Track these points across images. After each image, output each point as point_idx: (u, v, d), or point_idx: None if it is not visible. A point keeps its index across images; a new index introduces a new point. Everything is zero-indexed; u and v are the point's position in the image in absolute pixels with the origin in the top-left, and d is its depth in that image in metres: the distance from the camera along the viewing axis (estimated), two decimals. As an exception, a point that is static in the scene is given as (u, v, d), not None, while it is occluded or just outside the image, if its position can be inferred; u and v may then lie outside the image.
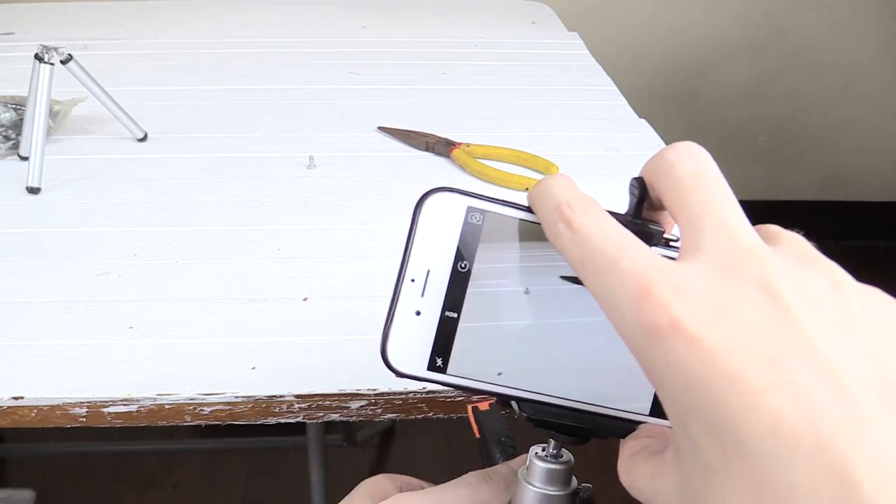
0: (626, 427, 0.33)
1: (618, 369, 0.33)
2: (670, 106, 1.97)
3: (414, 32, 1.23)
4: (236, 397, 0.49)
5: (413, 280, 0.31)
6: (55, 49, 0.75)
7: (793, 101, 2.01)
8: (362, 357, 0.52)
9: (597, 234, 0.25)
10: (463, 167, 0.79)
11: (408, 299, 0.31)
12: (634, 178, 0.29)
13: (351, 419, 0.50)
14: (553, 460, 0.34)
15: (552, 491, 0.34)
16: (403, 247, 0.31)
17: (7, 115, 0.82)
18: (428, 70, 1.07)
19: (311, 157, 0.79)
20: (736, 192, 0.27)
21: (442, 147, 0.82)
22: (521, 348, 0.33)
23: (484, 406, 0.45)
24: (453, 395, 0.50)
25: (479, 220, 0.31)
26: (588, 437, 0.34)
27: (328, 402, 0.49)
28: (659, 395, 0.24)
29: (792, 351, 0.21)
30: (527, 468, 0.35)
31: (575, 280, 0.32)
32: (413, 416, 0.50)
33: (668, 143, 0.96)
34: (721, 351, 0.21)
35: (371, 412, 0.50)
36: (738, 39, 1.92)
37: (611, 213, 0.29)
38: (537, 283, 0.32)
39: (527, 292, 0.32)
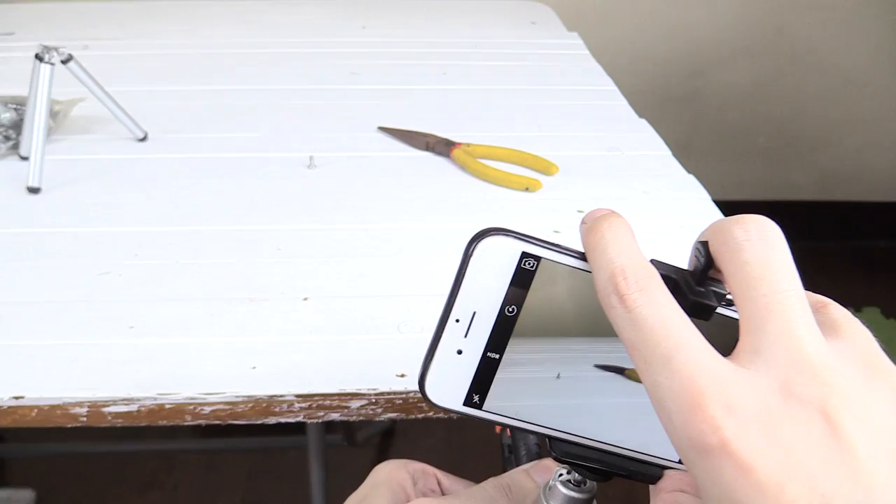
0: (655, 473, 0.33)
1: (650, 417, 0.31)
2: (670, 106, 1.97)
3: (414, 32, 1.23)
4: (236, 397, 0.49)
5: (458, 320, 0.31)
6: (55, 49, 0.75)
7: (793, 101, 2.01)
8: (362, 357, 0.52)
9: (651, 321, 0.24)
10: (463, 167, 0.79)
11: (450, 338, 0.31)
12: (700, 242, 0.28)
13: (351, 419, 0.50)
14: (576, 487, 0.34)
15: None
16: (452, 284, 0.31)
17: (7, 115, 0.82)
18: (428, 70, 1.07)
19: (311, 157, 0.79)
20: (736, 192, 0.27)
21: (442, 147, 0.82)
22: (559, 397, 0.32)
23: None
24: (453, 394, 0.50)
25: (532, 267, 0.31)
26: (613, 476, 0.33)
27: (328, 402, 0.49)
28: (703, 500, 0.23)
29: (846, 492, 0.21)
30: (549, 489, 0.35)
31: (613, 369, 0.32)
32: (413, 416, 0.50)
33: (668, 143, 0.96)
34: (772, 483, 0.21)
35: (371, 412, 0.50)
36: (738, 39, 1.92)
37: (674, 270, 0.28)
38: (588, 331, 0.31)
39: (580, 353, 0.32)
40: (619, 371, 0.32)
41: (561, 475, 0.34)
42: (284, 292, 0.59)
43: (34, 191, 0.72)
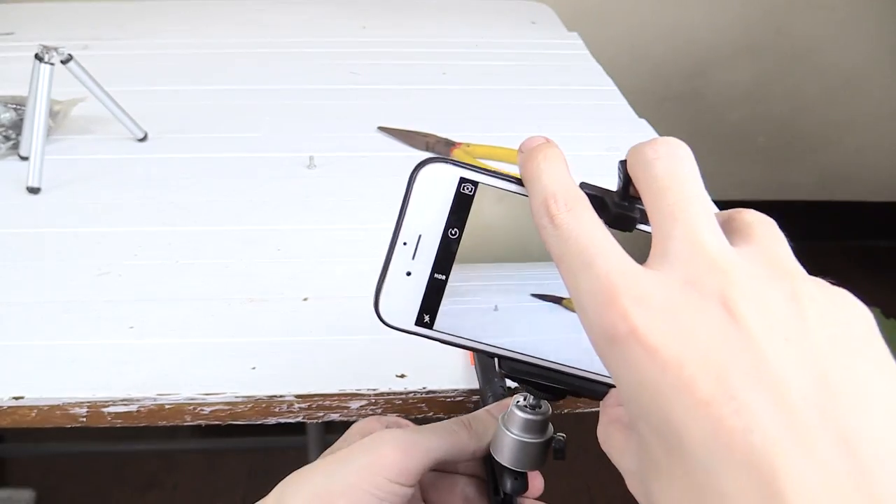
0: (599, 389, 0.35)
1: None
2: (670, 106, 1.97)
3: (414, 32, 1.23)
4: (236, 397, 0.49)
5: (405, 243, 0.34)
6: (55, 49, 0.75)
7: (793, 101, 2.01)
8: (362, 357, 0.52)
9: (575, 234, 0.26)
10: (463, 167, 0.79)
11: (399, 260, 0.34)
12: (620, 162, 0.31)
13: (351, 419, 0.50)
14: (531, 411, 0.37)
15: (528, 438, 0.37)
16: (399, 210, 0.33)
17: (7, 115, 0.82)
18: (428, 70, 1.07)
19: (311, 157, 0.79)
20: (736, 192, 0.27)
21: (442, 147, 0.82)
22: (506, 318, 0.34)
23: None
24: (453, 395, 0.50)
25: (470, 192, 0.33)
26: (564, 395, 0.36)
27: (328, 402, 0.49)
28: (617, 393, 0.26)
29: (740, 366, 0.22)
30: (507, 415, 0.37)
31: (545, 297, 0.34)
32: (413, 416, 0.50)
33: (668, 143, 0.95)
34: (673, 361, 0.23)
35: (371, 412, 0.50)
36: (738, 39, 1.92)
37: (601, 190, 0.31)
38: (524, 254, 0.34)
39: (534, 277, 0.34)
40: (557, 301, 0.34)
41: (518, 402, 0.37)
42: (284, 292, 0.59)
43: (34, 191, 0.72)
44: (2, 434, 1.42)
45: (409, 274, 0.34)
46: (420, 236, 0.34)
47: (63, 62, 0.76)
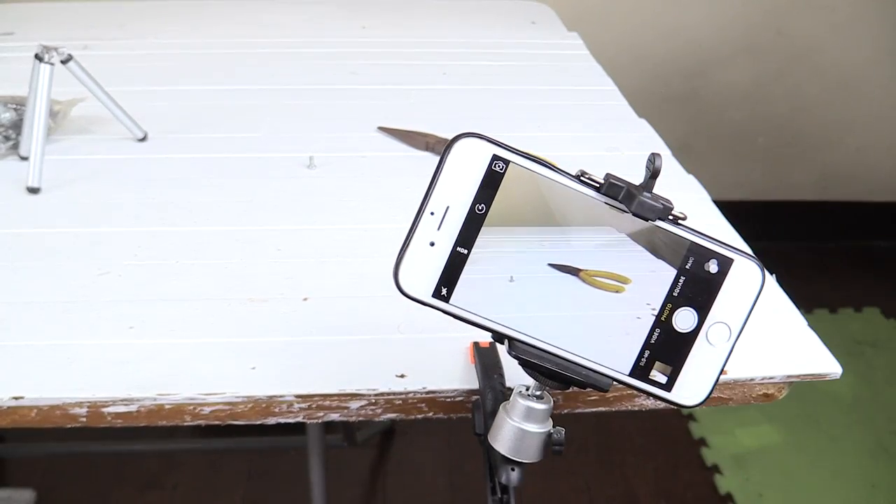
0: (604, 381, 0.36)
1: (605, 329, 0.36)
2: (670, 106, 1.97)
3: (414, 32, 1.23)
4: (236, 397, 0.49)
5: (432, 213, 0.34)
6: (55, 49, 0.75)
7: (793, 101, 2.01)
8: (362, 357, 0.52)
9: None
10: (463, 167, 0.79)
11: (425, 229, 0.34)
12: (653, 154, 0.33)
13: (351, 419, 0.50)
14: (534, 399, 0.37)
15: (528, 427, 0.37)
16: (430, 179, 0.34)
17: (7, 115, 0.82)
18: (428, 70, 1.07)
19: (311, 157, 0.79)
20: (736, 192, 0.28)
21: (442, 147, 0.82)
22: (521, 293, 0.35)
23: (485, 344, 0.49)
24: (453, 395, 0.50)
25: (501, 169, 0.34)
26: (569, 384, 0.36)
27: (328, 402, 0.49)
28: None
29: None
30: (509, 403, 0.38)
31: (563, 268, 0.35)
32: (413, 416, 0.50)
33: (668, 143, 0.96)
34: None
35: (371, 412, 0.50)
36: (738, 39, 1.92)
37: (626, 183, 0.33)
38: (549, 237, 0.35)
39: (537, 245, 0.35)
40: (574, 272, 0.35)
41: (521, 391, 0.37)
42: (284, 292, 0.59)
43: (34, 191, 0.72)
44: (2, 434, 1.42)
45: (432, 244, 0.34)
46: (448, 208, 0.34)
47: (63, 62, 0.76)
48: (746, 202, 2.05)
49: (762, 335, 0.56)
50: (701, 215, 0.72)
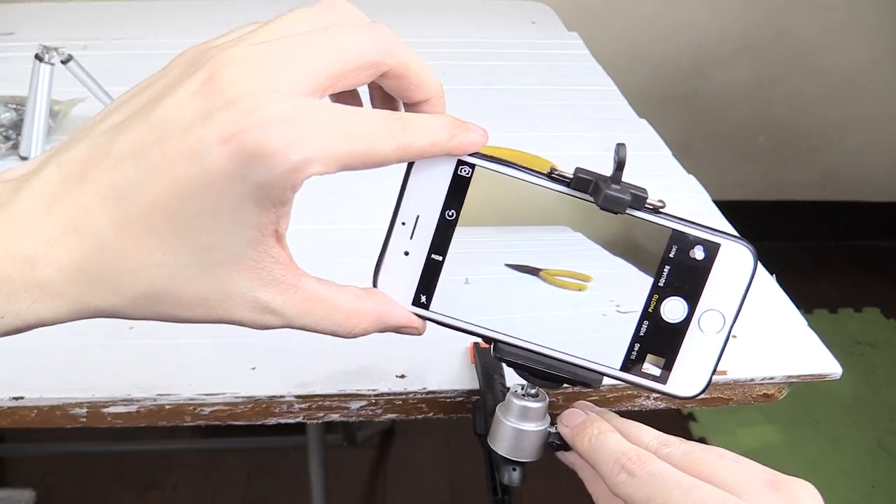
0: (594, 377, 0.35)
1: (585, 328, 0.35)
2: (670, 106, 1.97)
3: (414, 32, 1.23)
4: (236, 397, 0.49)
5: (403, 223, 0.34)
6: (55, 49, 0.75)
7: (793, 101, 2.01)
8: (362, 357, 0.52)
9: (656, 474, 0.32)
10: (463, 167, 0.79)
11: (398, 239, 0.35)
12: (618, 144, 0.32)
13: (351, 419, 0.50)
14: (528, 398, 0.37)
15: (526, 427, 0.37)
16: (398, 190, 0.34)
17: (7, 115, 0.82)
18: (428, 70, 1.07)
19: (311, 157, 0.79)
20: (736, 192, 0.27)
21: (442, 147, 0.82)
22: (500, 294, 0.35)
23: (485, 345, 0.49)
24: (453, 395, 0.50)
25: (467, 174, 0.34)
26: (559, 382, 0.36)
27: (328, 402, 0.49)
28: None
29: None
30: (505, 404, 0.38)
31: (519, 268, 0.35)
32: (413, 416, 0.50)
33: (668, 143, 0.96)
34: None
35: (371, 412, 0.50)
36: (738, 39, 1.92)
37: (594, 175, 0.33)
38: (520, 237, 0.35)
39: (509, 245, 0.35)
40: (534, 272, 0.35)
41: (516, 391, 0.37)
42: (284, 292, 0.59)
43: (34, 191, 0.72)
44: (2, 434, 1.42)
45: (406, 254, 0.35)
46: (418, 217, 0.34)
47: (63, 62, 0.76)
48: (746, 202, 2.05)
49: (762, 335, 0.56)
50: (701, 215, 0.72)
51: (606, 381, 0.36)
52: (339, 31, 0.31)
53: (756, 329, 0.56)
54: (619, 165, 0.32)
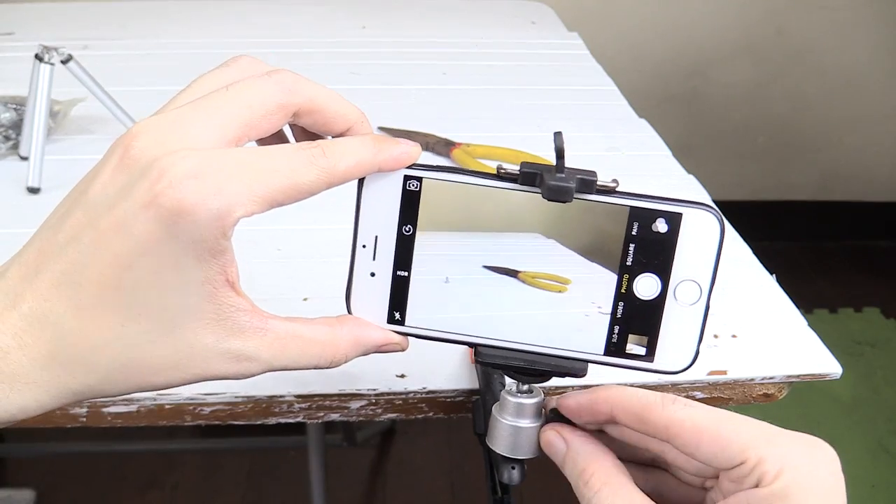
0: (578, 367, 0.36)
1: (562, 318, 0.35)
2: (670, 106, 1.97)
3: (414, 32, 1.23)
4: (236, 397, 0.49)
5: (364, 246, 0.35)
6: (55, 49, 0.75)
7: (793, 101, 2.01)
8: (362, 357, 0.52)
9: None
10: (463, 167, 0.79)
11: (362, 263, 0.35)
12: (556, 132, 0.32)
13: (351, 419, 0.50)
14: (523, 395, 0.37)
15: (522, 423, 0.37)
16: (354, 215, 0.35)
17: (7, 115, 0.82)
18: (428, 70, 1.07)
19: (311, 157, 0.79)
20: (736, 192, 0.27)
21: (442, 147, 0.82)
22: (480, 296, 0.35)
23: None
24: (453, 395, 0.50)
25: (416, 187, 0.35)
26: (544, 376, 0.36)
27: (328, 402, 0.49)
28: None
29: None
30: (500, 403, 0.38)
31: (498, 270, 0.35)
32: (413, 416, 0.50)
33: (668, 143, 0.96)
34: None
35: (371, 412, 0.50)
36: (738, 39, 1.92)
37: (537, 167, 0.33)
38: (479, 239, 0.35)
39: (469, 248, 0.35)
40: (512, 274, 0.35)
41: (510, 389, 0.37)
42: (284, 292, 0.59)
43: (34, 191, 0.72)
44: (2, 434, 1.42)
45: (373, 275, 0.35)
46: (377, 237, 0.35)
47: (63, 62, 0.76)
48: (746, 202, 2.05)
49: (762, 335, 0.56)
50: (701, 215, 0.72)
51: (597, 376, 0.35)
52: (242, 84, 0.33)
53: (756, 329, 0.56)
54: (559, 153, 0.32)
